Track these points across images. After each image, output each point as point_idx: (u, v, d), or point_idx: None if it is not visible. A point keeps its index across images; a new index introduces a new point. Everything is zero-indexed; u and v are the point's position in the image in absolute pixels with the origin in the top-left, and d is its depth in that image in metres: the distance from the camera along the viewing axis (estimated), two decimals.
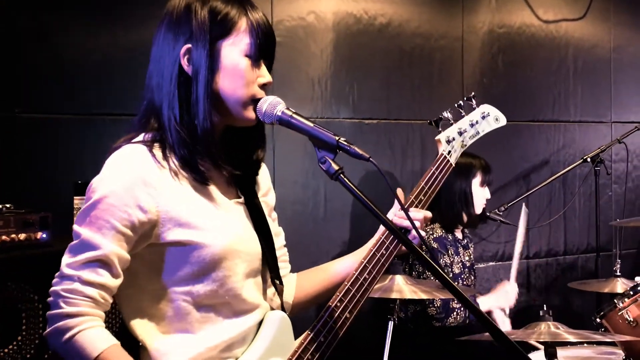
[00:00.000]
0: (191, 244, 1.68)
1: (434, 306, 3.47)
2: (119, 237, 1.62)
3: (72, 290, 1.60)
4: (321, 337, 1.83)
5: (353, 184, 1.63)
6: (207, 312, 1.73)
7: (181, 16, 1.73)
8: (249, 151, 1.86)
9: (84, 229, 1.62)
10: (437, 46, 4.23)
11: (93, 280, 1.61)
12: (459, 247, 3.75)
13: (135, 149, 1.69)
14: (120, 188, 1.63)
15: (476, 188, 3.74)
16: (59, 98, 3.20)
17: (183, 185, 1.71)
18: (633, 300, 3.08)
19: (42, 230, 2.49)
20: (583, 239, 4.78)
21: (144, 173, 1.65)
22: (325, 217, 3.85)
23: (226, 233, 1.73)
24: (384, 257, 1.93)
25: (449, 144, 2.18)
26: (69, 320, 1.59)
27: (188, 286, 1.70)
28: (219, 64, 1.71)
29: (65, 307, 1.59)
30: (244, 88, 1.73)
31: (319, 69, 3.86)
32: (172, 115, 1.70)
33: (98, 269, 1.61)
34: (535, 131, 4.62)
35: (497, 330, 1.53)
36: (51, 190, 3.08)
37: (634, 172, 4.98)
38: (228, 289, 1.74)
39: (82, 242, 1.62)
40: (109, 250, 1.61)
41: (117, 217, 1.62)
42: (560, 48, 4.69)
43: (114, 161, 1.68)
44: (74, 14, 3.24)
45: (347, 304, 1.87)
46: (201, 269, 1.70)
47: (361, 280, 1.90)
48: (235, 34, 1.72)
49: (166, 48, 1.73)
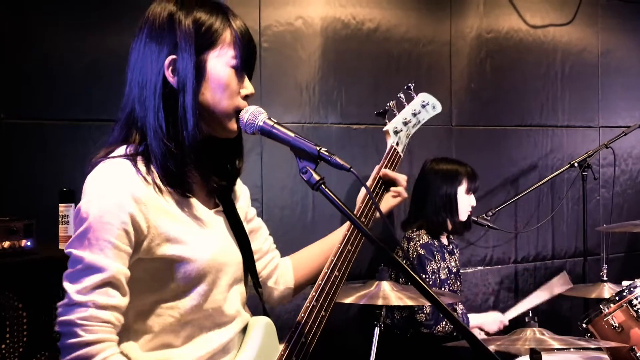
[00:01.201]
0: (178, 259, 1.67)
1: (423, 312, 3.47)
2: (121, 255, 1.60)
3: (88, 317, 1.55)
4: (302, 338, 1.85)
5: (334, 195, 1.63)
6: (191, 326, 1.73)
7: (164, 26, 1.71)
8: (228, 161, 1.87)
9: (85, 253, 1.58)
10: (425, 51, 4.24)
11: (107, 304, 1.57)
12: (445, 253, 3.75)
13: (120, 164, 1.66)
14: (113, 206, 1.60)
15: (462, 195, 3.75)
16: (44, 104, 3.18)
17: (167, 199, 1.70)
18: (618, 305, 3.09)
19: (26, 238, 2.48)
20: (571, 244, 4.79)
21: (133, 189, 1.63)
22: (314, 221, 3.85)
23: (210, 246, 1.73)
24: (351, 252, 1.98)
25: (396, 134, 2.22)
26: (91, 348, 1.55)
27: (174, 301, 1.70)
28: (204, 75, 1.70)
29: (85, 335, 1.55)
30: (228, 99, 1.73)
31: (306, 74, 3.86)
32: (158, 127, 1.68)
33: (109, 290, 1.58)
34: (523, 136, 4.63)
35: (474, 338, 1.53)
36: (36, 198, 3.06)
37: (622, 176, 5.01)
38: (211, 301, 1.74)
39: (86, 265, 1.58)
40: (115, 270, 1.58)
41: (115, 235, 1.59)
42: (548, 53, 4.71)
43: (99, 179, 1.65)
44: (60, 19, 3.22)
45: (322, 302, 1.90)
46: (187, 284, 1.69)
47: (332, 278, 1.93)
48: (221, 46, 1.72)
49: (148, 58, 1.71)
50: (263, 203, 3.68)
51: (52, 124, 3.19)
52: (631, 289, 3.09)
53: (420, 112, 2.27)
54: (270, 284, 2.08)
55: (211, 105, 1.72)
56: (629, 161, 5.04)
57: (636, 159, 5.08)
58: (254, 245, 1.99)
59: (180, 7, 1.72)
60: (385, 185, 2.13)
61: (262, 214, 3.68)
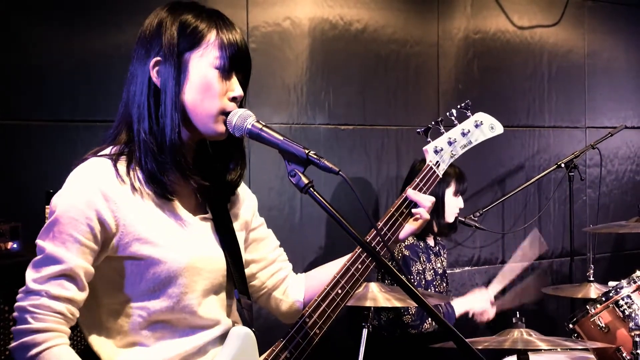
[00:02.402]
0: (147, 259, 1.68)
1: (409, 314, 3.47)
2: (83, 250, 1.63)
3: (39, 306, 1.59)
4: (287, 353, 1.84)
5: (323, 198, 1.63)
6: (163, 327, 1.73)
7: (153, 32, 1.75)
8: (226, 166, 1.86)
9: (47, 244, 1.62)
10: (412, 52, 4.25)
11: (60, 295, 1.60)
12: (431, 254, 3.76)
13: (98, 162, 1.70)
14: (81, 201, 1.63)
15: (449, 197, 3.75)
16: (30, 104, 3.16)
17: (145, 200, 1.71)
18: (605, 306, 3.10)
19: (12, 240, 2.47)
20: (557, 244, 4.81)
21: (104, 186, 1.66)
22: (301, 222, 3.85)
23: (184, 250, 1.73)
24: (359, 271, 1.92)
25: (436, 154, 2.12)
26: (37, 335, 1.58)
27: (144, 301, 1.71)
28: (186, 75, 1.72)
29: (33, 323, 1.58)
30: (212, 100, 1.72)
31: (294, 75, 3.86)
32: (141, 126, 1.71)
33: (65, 282, 1.61)
34: (511, 136, 4.64)
35: (460, 340, 1.53)
36: (22, 199, 3.05)
37: (608, 177, 5.03)
38: (184, 305, 1.74)
39: (47, 256, 1.62)
40: (74, 263, 1.61)
41: (80, 230, 1.62)
42: (535, 54, 4.73)
43: (75, 175, 1.69)
44: (47, 20, 3.21)
45: (316, 319, 1.87)
46: (156, 285, 1.70)
47: (332, 295, 1.89)
48: (205, 46, 1.72)
49: (139, 63, 1.76)
50: None
51: (39, 124, 3.18)
52: (617, 289, 3.11)
53: (471, 132, 2.15)
54: (278, 294, 2.06)
55: (196, 105, 1.72)
56: (615, 162, 5.07)
57: (622, 159, 5.11)
58: (257, 254, 2.01)
59: (171, 13, 1.75)
60: (413, 205, 2.01)
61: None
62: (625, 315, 3.05)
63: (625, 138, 5.06)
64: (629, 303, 3.07)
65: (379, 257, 1.60)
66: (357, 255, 1.94)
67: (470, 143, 2.16)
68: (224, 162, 1.86)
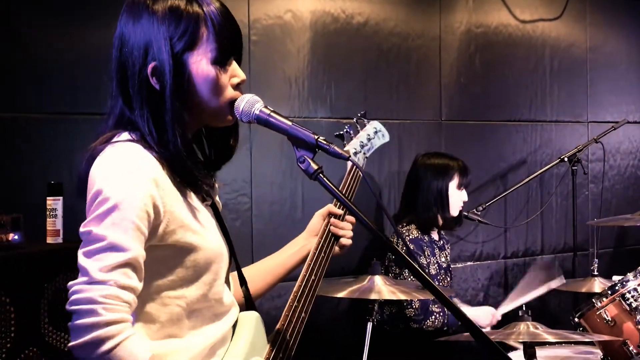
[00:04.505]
0: (189, 246, 1.65)
1: (412, 307, 3.45)
2: (140, 238, 1.55)
3: (110, 296, 1.49)
4: (287, 337, 1.89)
5: (332, 184, 1.60)
6: (196, 316, 1.71)
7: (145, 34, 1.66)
8: (222, 142, 1.84)
9: (108, 232, 1.52)
10: (414, 46, 4.22)
11: (128, 284, 1.51)
12: (435, 248, 3.73)
13: (133, 147, 1.63)
14: (138, 188, 1.56)
15: (453, 190, 3.72)
16: (30, 97, 3.14)
17: (177, 188, 1.67)
18: (611, 299, 3.08)
19: (14, 232, 2.45)
20: (560, 239, 4.79)
21: (154, 173, 1.60)
22: (303, 217, 3.81)
23: (213, 237, 1.73)
24: (324, 259, 2.05)
25: (355, 155, 2.35)
26: (112, 328, 1.47)
27: (182, 290, 1.67)
28: (186, 78, 1.65)
29: (105, 314, 1.47)
30: (218, 96, 1.69)
31: (296, 68, 3.83)
32: (150, 132, 1.65)
33: (129, 271, 1.52)
34: (512, 131, 4.62)
35: (477, 330, 1.51)
36: (23, 191, 3.03)
37: (610, 171, 5.01)
38: (214, 292, 1.73)
39: (110, 244, 1.51)
40: (136, 252, 1.53)
41: (138, 216, 1.54)
42: (537, 48, 4.70)
43: (117, 161, 1.60)
44: (46, 12, 3.18)
45: (303, 303, 1.96)
46: (195, 272, 1.67)
47: (311, 281, 2.00)
48: (199, 44, 1.65)
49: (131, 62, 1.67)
50: (252, 198, 3.65)
51: (38, 117, 3.16)
52: (623, 282, 3.08)
53: (373, 138, 2.47)
54: None
55: (203, 104, 1.69)
56: (617, 157, 5.05)
57: (624, 154, 5.09)
58: None
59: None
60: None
61: (252, 209, 3.65)
62: (632, 309, 3.03)
63: (627, 133, 5.04)
64: (635, 296, 3.05)
65: (392, 246, 1.58)
66: (321, 245, 2.06)
67: (373, 147, 2.45)
68: (216, 147, 1.85)
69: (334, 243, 2.08)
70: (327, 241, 2.07)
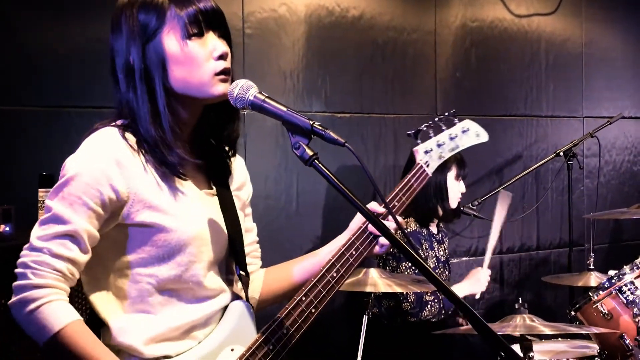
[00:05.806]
0: (158, 226, 1.69)
1: (408, 301, 3.43)
2: (90, 214, 1.64)
3: (40, 262, 1.61)
4: (283, 330, 1.83)
5: (328, 170, 1.58)
6: (170, 295, 1.75)
7: (120, 24, 1.74)
8: (223, 126, 1.87)
9: (55, 203, 1.64)
10: (409, 40, 4.20)
11: (62, 254, 1.62)
12: (434, 241, 3.72)
13: (110, 131, 1.72)
14: (94, 167, 1.65)
15: (451, 182, 3.71)
16: (23, 90, 3.12)
17: (154, 171, 1.72)
18: (608, 293, 3.07)
19: (4, 223, 2.47)
20: (556, 234, 4.78)
21: (118, 154, 1.67)
22: (298, 211, 3.80)
23: (193, 220, 1.75)
24: (353, 257, 1.95)
25: (426, 154, 2.21)
26: (35, 291, 1.59)
27: (152, 268, 1.72)
28: (163, 58, 1.70)
29: (32, 279, 1.60)
30: (199, 69, 1.71)
31: (290, 61, 3.81)
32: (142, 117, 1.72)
33: (68, 242, 1.63)
34: (508, 125, 4.61)
35: (475, 317, 1.49)
36: (15, 183, 3.02)
37: (606, 166, 5.00)
38: (191, 274, 1.76)
39: (54, 215, 1.63)
40: (79, 225, 1.63)
41: (89, 195, 1.64)
42: (532, 42, 4.69)
43: (89, 142, 1.70)
44: (39, 5, 3.16)
45: (312, 299, 1.87)
46: (166, 252, 1.72)
47: (328, 278, 1.90)
48: (169, 21, 1.70)
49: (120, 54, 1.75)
50: None
51: (31, 110, 3.14)
52: (620, 276, 3.08)
53: (458, 137, 2.28)
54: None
55: (186, 81, 1.72)
56: (613, 152, 5.04)
57: (620, 149, 5.08)
58: None
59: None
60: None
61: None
62: (628, 302, 3.03)
63: (622, 128, 5.03)
64: (632, 289, 3.05)
65: (388, 231, 1.56)
66: (352, 242, 1.95)
67: (458, 147, 2.28)
68: (218, 136, 1.88)
69: (371, 242, 1.97)
70: (360, 239, 1.96)
